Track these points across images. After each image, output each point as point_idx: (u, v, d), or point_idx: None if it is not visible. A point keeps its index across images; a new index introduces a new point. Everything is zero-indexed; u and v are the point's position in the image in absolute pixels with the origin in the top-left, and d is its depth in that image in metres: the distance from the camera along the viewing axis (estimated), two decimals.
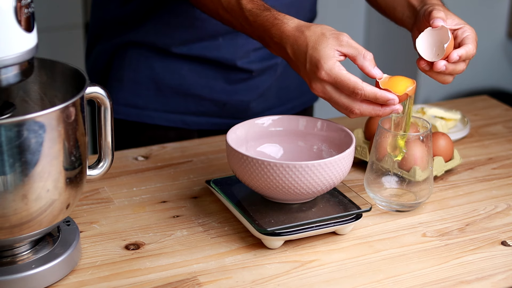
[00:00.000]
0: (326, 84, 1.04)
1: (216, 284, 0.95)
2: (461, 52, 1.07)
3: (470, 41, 1.09)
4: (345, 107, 1.04)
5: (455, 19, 1.12)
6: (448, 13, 1.13)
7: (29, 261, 0.93)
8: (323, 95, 1.05)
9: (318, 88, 1.05)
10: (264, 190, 1.02)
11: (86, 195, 1.14)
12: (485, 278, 0.97)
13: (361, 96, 1.02)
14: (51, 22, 2.57)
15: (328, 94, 1.04)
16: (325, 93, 1.05)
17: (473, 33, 1.11)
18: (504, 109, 1.52)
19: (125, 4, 1.39)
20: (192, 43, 1.37)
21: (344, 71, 1.02)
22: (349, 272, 0.98)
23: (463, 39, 1.10)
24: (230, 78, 1.42)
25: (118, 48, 1.41)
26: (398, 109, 1.04)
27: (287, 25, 1.07)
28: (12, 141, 0.83)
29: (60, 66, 0.97)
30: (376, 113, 1.04)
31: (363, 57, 1.04)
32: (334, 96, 1.04)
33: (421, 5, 1.17)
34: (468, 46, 1.09)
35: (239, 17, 1.13)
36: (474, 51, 1.09)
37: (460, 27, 1.11)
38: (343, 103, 1.04)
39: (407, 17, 1.21)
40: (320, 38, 1.04)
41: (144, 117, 1.43)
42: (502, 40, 2.86)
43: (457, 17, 1.13)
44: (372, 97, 1.02)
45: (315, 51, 1.03)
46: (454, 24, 1.11)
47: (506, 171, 1.26)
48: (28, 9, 0.85)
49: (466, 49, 1.08)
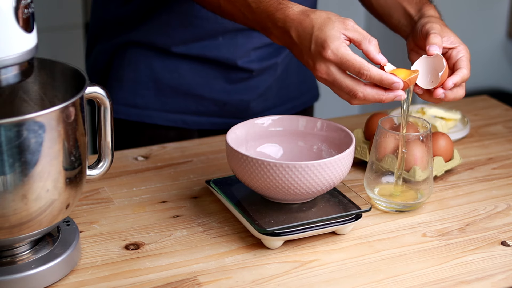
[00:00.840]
0: (331, 65, 1.03)
1: (216, 284, 0.95)
2: (456, 80, 1.07)
3: (464, 64, 1.09)
4: (349, 90, 1.02)
5: (450, 37, 1.11)
6: (444, 30, 1.11)
7: (29, 261, 0.93)
8: (326, 77, 1.03)
9: (322, 69, 1.03)
10: (264, 190, 1.02)
11: (86, 195, 1.14)
12: (485, 278, 0.97)
13: (367, 77, 1.01)
14: (51, 22, 2.57)
15: (332, 76, 1.03)
16: (329, 74, 1.03)
17: (467, 54, 1.10)
18: (504, 109, 1.52)
19: (125, 4, 1.39)
20: (192, 43, 1.37)
21: (350, 51, 1.02)
22: (349, 272, 0.98)
23: (457, 61, 1.09)
24: (230, 77, 1.42)
25: (118, 48, 1.41)
26: (401, 96, 1.03)
27: (291, 9, 1.07)
28: (12, 141, 0.83)
29: (60, 66, 0.97)
30: (380, 97, 1.02)
31: (368, 42, 1.03)
32: (338, 78, 1.03)
33: (418, 15, 1.17)
34: (462, 71, 1.08)
35: (241, 6, 1.12)
36: (468, 74, 1.09)
37: (454, 47, 1.10)
38: (346, 86, 1.02)
39: (403, 25, 1.21)
40: (326, 20, 1.03)
41: (144, 117, 1.43)
42: (502, 40, 2.87)
43: (453, 34, 1.12)
44: (377, 79, 1.01)
45: (321, 32, 1.03)
46: (449, 43, 1.10)
47: (506, 171, 1.26)
48: (28, 9, 0.84)
49: (460, 75, 1.08)
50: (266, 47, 1.42)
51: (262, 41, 1.40)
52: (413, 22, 1.17)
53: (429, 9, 1.16)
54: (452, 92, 1.08)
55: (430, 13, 1.15)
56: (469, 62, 1.10)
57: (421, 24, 1.12)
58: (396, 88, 1.02)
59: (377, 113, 1.28)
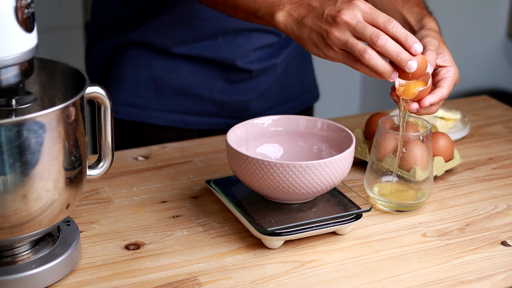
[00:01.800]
0: (358, 11, 1.02)
1: (216, 284, 0.95)
2: (433, 100, 1.07)
3: (446, 84, 1.09)
4: (371, 32, 1.01)
5: (445, 55, 1.11)
6: (441, 47, 1.11)
7: (29, 261, 0.93)
8: (350, 20, 1.01)
9: (348, 13, 1.01)
10: (264, 190, 1.02)
11: (86, 195, 1.14)
12: (485, 278, 0.97)
13: (394, 28, 1.01)
14: (51, 22, 2.57)
15: (357, 18, 1.01)
16: (354, 17, 1.01)
17: (454, 76, 1.10)
18: (504, 109, 1.52)
19: (125, 4, 1.39)
20: (191, 43, 1.37)
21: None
22: (349, 272, 0.98)
23: (442, 80, 1.09)
24: (230, 78, 1.42)
25: (118, 48, 1.41)
26: (413, 66, 1.02)
27: None
28: (12, 141, 0.83)
29: (60, 66, 0.97)
30: (398, 53, 1.01)
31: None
32: (363, 22, 1.01)
33: (419, 26, 1.16)
34: (442, 90, 1.08)
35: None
36: (446, 95, 1.09)
37: (445, 66, 1.10)
38: (371, 27, 1.01)
39: None
40: None
41: (144, 117, 1.43)
42: (502, 40, 2.87)
43: (448, 53, 1.11)
44: (402, 34, 1.01)
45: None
46: (442, 61, 1.10)
47: (506, 171, 1.26)
48: (28, 9, 0.85)
49: (439, 95, 1.07)
50: (266, 48, 1.42)
51: (262, 42, 1.40)
52: (412, 31, 1.17)
53: (429, 21, 1.16)
54: (425, 109, 1.09)
55: (430, 25, 1.15)
56: (453, 84, 1.10)
57: (420, 35, 1.12)
58: (416, 51, 1.02)
59: (377, 113, 1.28)
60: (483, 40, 2.82)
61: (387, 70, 1.02)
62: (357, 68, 1.04)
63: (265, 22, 1.10)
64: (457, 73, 1.11)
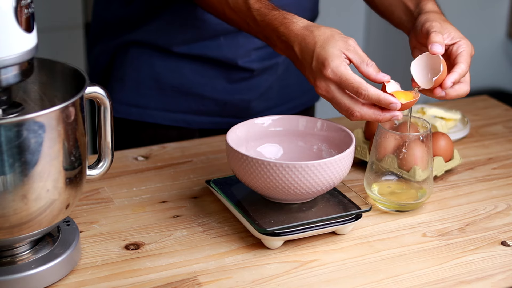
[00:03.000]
0: (330, 83, 1.04)
1: (216, 284, 0.95)
2: (454, 78, 1.06)
3: (463, 59, 1.08)
4: (346, 108, 1.04)
5: (451, 32, 1.11)
6: (444, 26, 1.11)
7: (29, 261, 0.93)
8: (326, 94, 1.05)
9: (322, 87, 1.05)
10: (264, 190, 1.02)
11: (86, 195, 1.14)
12: (485, 278, 0.97)
13: (365, 97, 1.02)
14: (51, 22, 2.57)
15: (331, 94, 1.04)
16: (329, 92, 1.04)
17: (467, 48, 1.10)
18: (504, 109, 1.52)
19: (127, 4, 1.39)
20: (193, 43, 1.37)
21: (350, 71, 1.03)
22: (349, 272, 0.98)
23: (457, 56, 1.09)
24: (231, 77, 1.42)
25: (119, 48, 1.41)
26: (398, 116, 1.04)
27: (296, 24, 1.07)
28: (11, 141, 0.83)
29: (60, 66, 0.97)
30: (376, 117, 1.04)
31: (366, 65, 1.04)
32: (337, 96, 1.04)
33: (417, 11, 1.16)
34: (460, 66, 1.08)
35: (246, 17, 1.13)
36: (466, 69, 1.08)
37: (455, 42, 1.10)
38: (344, 104, 1.04)
39: (404, 21, 1.21)
40: (329, 38, 1.04)
41: (146, 116, 1.43)
42: (502, 40, 2.86)
43: (453, 29, 1.11)
44: (375, 99, 1.02)
45: (322, 50, 1.03)
46: (450, 39, 1.10)
47: (506, 171, 1.26)
48: (28, 9, 0.85)
49: (458, 72, 1.07)
50: (267, 47, 1.42)
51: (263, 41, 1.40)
52: (413, 18, 1.17)
53: (427, 2, 1.16)
54: (454, 90, 1.08)
55: (428, 7, 1.15)
56: (470, 56, 1.09)
57: (421, 21, 1.12)
58: (393, 109, 1.03)
59: None
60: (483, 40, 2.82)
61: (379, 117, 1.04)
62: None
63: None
64: (469, 44, 1.11)
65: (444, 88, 1.06)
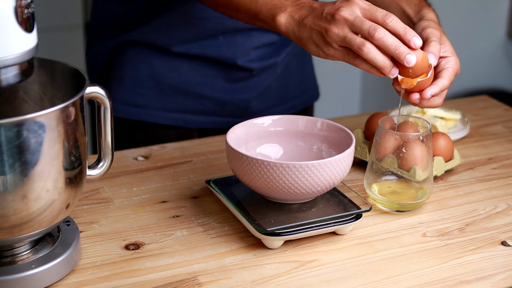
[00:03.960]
0: (356, 7, 1.02)
1: (216, 284, 0.95)
2: (434, 91, 1.06)
3: (447, 74, 1.08)
4: (368, 26, 1.01)
5: (446, 46, 1.10)
6: (443, 38, 1.11)
7: (29, 261, 0.93)
8: (349, 16, 1.02)
9: (347, 11, 1.02)
10: (264, 190, 1.02)
11: (86, 195, 1.14)
12: (485, 278, 0.97)
13: (392, 21, 1.01)
14: (51, 22, 2.57)
15: (355, 14, 1.02)
16: (352, 13, 1.02)
17: (455, 66, 1.09)
18: (504, 109, 1.52)
19: (126, 3, 1.39)
20: (192, 42, 1.37)
21: None
22: (349, 272, 0.98)
23: (443, 70, 1.08)
24: (230, 76, 1.42)
25: (118, 47, 1.41)
26: (411, 59, 1.01)
27: None
28: (11, 141, 0.83)
29: (60, 66, 0.97)
30: (396, 46, 1.01)
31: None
32: (360, 18, 1.02)
33: (418, 17, 1.16)
34: (442, 81, 1.07)
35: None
36: (448, 85, 1.08)
37: (446, 56, 1.10)
38: (368, 25, 1.01)
39: None
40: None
41: (144, 116, 1.43)
42: (502, 40, 2.87)
43: (449, 44, 1.11)
44: (401, 28, 1.01)
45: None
46: (443, 51, 1.10)
47: (506, 171, 1.26)
48: (28, 9, 0.85)
49: (440, 86, 1.07)
50: (266, 47, 1.42)
51: (262, 40, 1.40)
52: (411, 23, 1.17)
53: (428, 12, 1.16)
54: (428, 101, 1.08)
55: (429, 16, 1.15)
56: (455, 74, 1.10)
57: (421, 26, 1.12)
58: (414, 46, 1.01)
59: (377, 113, 1.28)
60: (483, 40, 2.82)
61: (386, 65, 1.02)
62: (357, 64, 1.04)
63: (265, 25, 1.10)
64: (458, 63, 1.10)
65: (422, 98, 1.06)
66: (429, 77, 1.05)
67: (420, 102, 1.07)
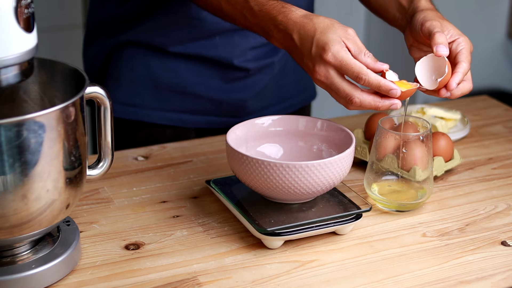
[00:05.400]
0: (330, 68, 1.03)
1: (216, 284, 0.95)
2: (459, 78, 1.06)
3: (463, 57, 1.08)
4: (345, 94, 1.03)
5: (450, 30, 1.10)
6: (444, 24, 1.11)
7: (29, 261, 0.93)
8: (325, 80, 1.04)
9: (322, 72, 1.04)
10: (264, 190, 1.02)
11: (86, 195, 1.14)
12: (485, 278, 0.97)
13: (365, 82, 1.02)
14: (51, 22, 2.57)
15: (330, 79, 1.03)
16: (328, 77, 1.03)
17: (467, 45, 1.09)
18: (504, 109, 1.52)
19: (122, 4, 1.39)
20: (188, 42, 1.37)
21: (350, 56, 1.02)
22: (349, 272, 0.98)
23: (457, 54, 1.08)
24: (226, 76, 1.42)
25: (115, 47, 1.41)
26: (397, 105, 1.03)
27: (294, 13, 1.07)
28: (11, 141, 0.83)
29: (60, 66, 0.97)
30: (376, 104, 1.03)
31: (364, 55, 1.04)
32: (336, 82, 1.03)
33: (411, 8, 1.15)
34: (462, 65, 1.07)
35: (243, 8, 1.12)
36: (468, 67, 1.08)
37: (454, 40, 1.10)
38: (343, 90, 1.03)
39: (398, 19, 1.21)
40: (328, 26, 1.04)
41: (141, 116, 1.43)
42: (502, 40, 2.86)
43: (452, 27, 1.11)
44: (375, 84, 1.02)
45: (323, 35, 1.03)
46: (449, 37, 1.10)
47: (506, 171, 1.26)
48: (28, 9, 0.85)
49: (461, 71, 1.07)
50: (263, 47, 1.42)
51: (259, 40, 1.40)
52: (407, 15, 1.17)
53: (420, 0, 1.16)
54: (458, 89, 1.08)
55: (422, 5, 1.14)
56: (470, 53, 1.09)
57: (419, 21, 1.11)
58: (393, 95, 1.03)
59: (377, 113, 1.28)
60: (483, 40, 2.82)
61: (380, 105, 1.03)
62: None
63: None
64: (468, 41, 1.10)
65: (449, 90, 1.06)
66: (446, 72, 1.05)
67: (451, 95, 1.07)
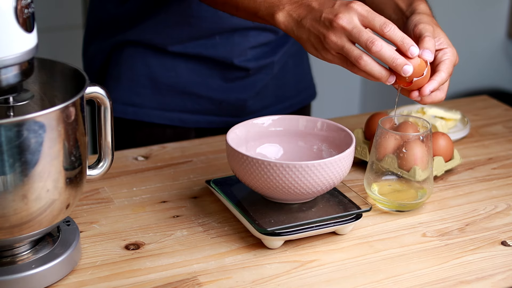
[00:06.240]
0: (355, 14, 1.02)
1: (216, 284, 0.95)
2: (433, 86, 1.06)
3: (445, 67, 1.07)
4: (366, 38, 1.01)
5: (441, 38, 1.10)
6: (436, 31, 1.10)
7: (29, 261, 0.93)
8: (346, 24, 1.01)
9: (345, 17, 1.01)
10: (264, 190, 1.02)
11: (86, 195, 1.14)
12: (485, 278, 0.97)
13: (390, 31, 1.01)
14: (51, 22, 2.57)
15: (353, 23, 1.01)
16: (351, 22, 1.01)
17: (452, 57, 1.09)
18: (504, 109, 1.52)
19: (122, 3, 1.39)
20: (188, 42, 1.37)
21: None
22: (349, 272, 0.98)
23: (440, 63, 1.08)
24: (226, 76, 1.42)
25: (115, 47, 1.41)
26: (409, 69, 1.02)
27: None
28: (12, 141, 0.83)
29: (60, 66, 0.97)
30: (393, 58, 1.01)
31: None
32: (359, 26, 1.01)
33: (410, 10, 1.15)
34: (440, 74, 1.07)
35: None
36: (446, 78, 1.07)
37: (442, 48, 1.09)
38: (366, 33, 1.01)
39: (393, 20, 1.20)
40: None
41: (141, 115, 1.43)
42: (502, 40, 2.86)
43: (443, 35, 1.11)
44: (399, 38, 1.02)
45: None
46: (438, 44, 1.10)
47: (506, 171, 1.26)
48: (28, 9, 0.85)
49: (438, 80, 1.06)
50: (263, 46, 1.42)
51: (259, 40, 1.40)
52: (404, 17, 1.16)
53: (420, 3, 1.16)
54: (430, 97, 1.08)
55: (421, 8, 1.14)
56: (452, 65, 1.09)
57: (413, 22, 1.11)
58: (412, 55, 1.02)
59: (377, 113, 1.28)
60: (483, 40, 2.82)
61: (383, 75, 1.03)
62: (355, 71, 1.04)
63: (266, 22, 1.10)
64: (455, 53, 1.10)
65: (421, 95, 1.06)
66: (425, 75, 1.05)
67: (421, 99, 1.07)
